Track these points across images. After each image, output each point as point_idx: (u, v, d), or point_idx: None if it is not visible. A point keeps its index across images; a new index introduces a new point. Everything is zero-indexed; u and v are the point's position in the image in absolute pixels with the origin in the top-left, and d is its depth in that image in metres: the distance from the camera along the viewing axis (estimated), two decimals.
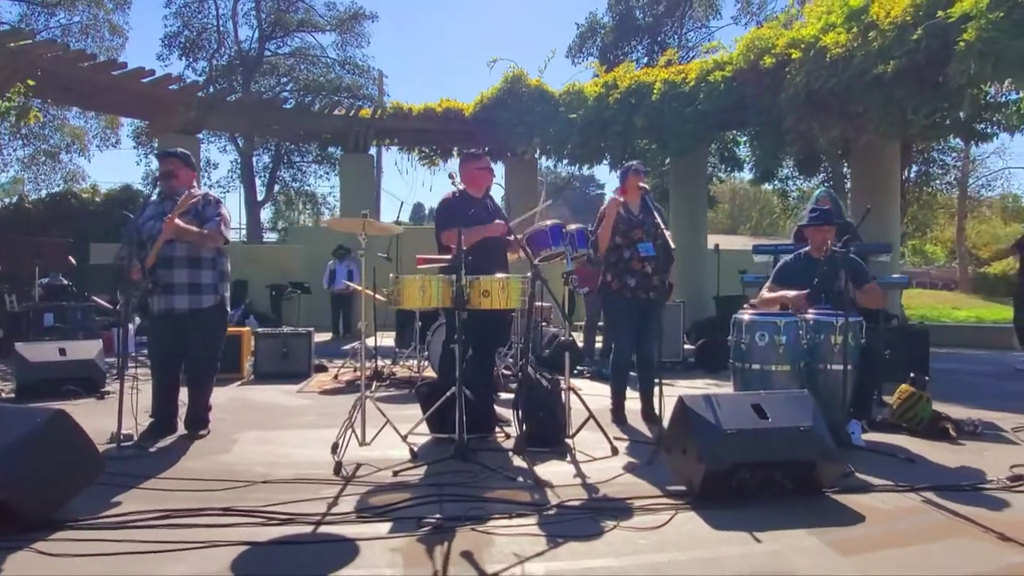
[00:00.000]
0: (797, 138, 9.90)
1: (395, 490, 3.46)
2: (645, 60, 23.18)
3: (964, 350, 11.14)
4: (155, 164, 24.57)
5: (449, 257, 4.17)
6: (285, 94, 20.98)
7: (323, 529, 2.95)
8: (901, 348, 7.07)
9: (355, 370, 7.60)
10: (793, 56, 9.41)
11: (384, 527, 2.96)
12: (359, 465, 3.88)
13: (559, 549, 2.72)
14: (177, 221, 4.21)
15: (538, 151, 12.88)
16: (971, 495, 3.43)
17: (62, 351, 6.15)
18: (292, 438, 4.66)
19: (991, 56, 7.25)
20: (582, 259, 4.61)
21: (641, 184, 4.94)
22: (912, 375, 4.98)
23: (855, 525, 3.02)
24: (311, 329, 7.58)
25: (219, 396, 5.14)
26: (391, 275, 4.24)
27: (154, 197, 4.65)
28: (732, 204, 49.83)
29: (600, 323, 9.11)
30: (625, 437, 4.62)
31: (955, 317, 16.09)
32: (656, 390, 4.43)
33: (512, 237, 4.42)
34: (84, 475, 3.14)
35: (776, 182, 16.88)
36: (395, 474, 3.71)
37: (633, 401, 5.21)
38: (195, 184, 4.77)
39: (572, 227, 4.50)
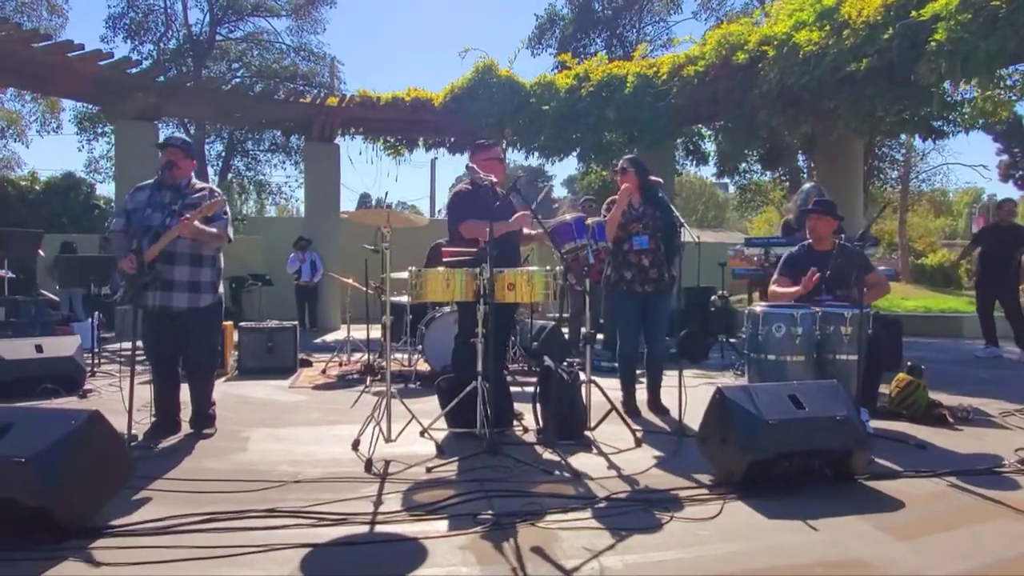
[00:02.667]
0: (770, 133, 10.12)
1: (436, 487, 3.41)
2: (604, 53, 23.30)
3: (919, 339, 11.59)
4: (98, 151, 23.69)
5: (475, 250, 4.12)
6: (236, 80, 20.34)
7: (380, 528, 2.88)
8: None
9: (340, 364, 7.47)
10: (768, 53, 9.60)
11: (441, 525, 2.91)
12: (388, 462, 3.80)
13: (627, 542, 2.72)
14: (197, 223, 4.07)
15: (506, 142, 12.84)
16: (990, 479, 3.57)
17: (39, 347, 5.82)
18: (304, 435, 4.54)
19: (959, 56, 7.53)
20: (603, 251, 4.60)
21: (653, 178, 4.96)
22: (908, 364, 5.17)
23: (897, 511, 3.11)
24: (295, 323, 7.39)
25: None
26: (411, 268, 4.16)
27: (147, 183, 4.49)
28: (680, 197, 50.74)
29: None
30: (640, 428, 4.65)
31: (905, 307, 16.74)
32: (678, 380, 4.43)
33: (533, 231, 4.41)
34: (117, 479, 2.99)
35: (736, 176, 17.23)
36: (428, 470, 3.65)
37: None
38: (193, 173, 4.58)
39: (591, 220, 4.49)
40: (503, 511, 3.02)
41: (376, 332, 7.67)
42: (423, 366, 6.82)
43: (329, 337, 11.51)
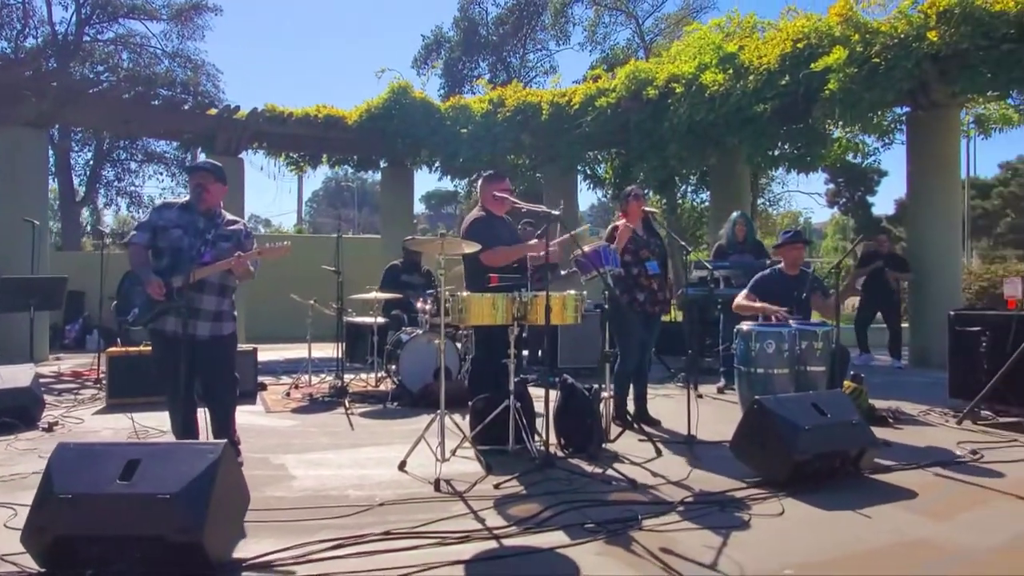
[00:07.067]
0: (679, 163, 11.03)
1: (519, 501, 3.61)
2: (488, 76, 23.96)
3: None
4: None
5: (518, 276, 4.36)
6: (103, 82, 18.82)
7: (508, 543, 3.05)
8: None
9: (297, 386, 7.31)
10: (676, 90, 10.49)
11: (557, 535, 3.13)
12: (449, 481, 3.93)
13: (734, 539, 3.08)
14: (249, 264, 4.09)
15: (409, 163, 13.16)
16: (960, 467, 4.30)
17: None
18: (337, 459, 4.54)
19: (848, 103, 8.72)
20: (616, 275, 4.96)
21: (644, 208, 5.41)
22: (852, 373, 5.96)
23: (914, 499, 3.70)
24: (254, 347, 7.14)
25: None
26: (458, 293, 4.31)
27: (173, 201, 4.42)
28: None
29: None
30: (645, 438, 5.04)
31: None
32: (687, 394, 4.89)
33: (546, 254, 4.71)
34: (240, 510, 2.96)
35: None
36: (496, 487, 3.83)
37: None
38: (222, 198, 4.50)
39: (612, 246, 4.86)
40: (601, 519, 3.29)
41: (321, 352, 7.62)
42: (389, 386, 6.85)
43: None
